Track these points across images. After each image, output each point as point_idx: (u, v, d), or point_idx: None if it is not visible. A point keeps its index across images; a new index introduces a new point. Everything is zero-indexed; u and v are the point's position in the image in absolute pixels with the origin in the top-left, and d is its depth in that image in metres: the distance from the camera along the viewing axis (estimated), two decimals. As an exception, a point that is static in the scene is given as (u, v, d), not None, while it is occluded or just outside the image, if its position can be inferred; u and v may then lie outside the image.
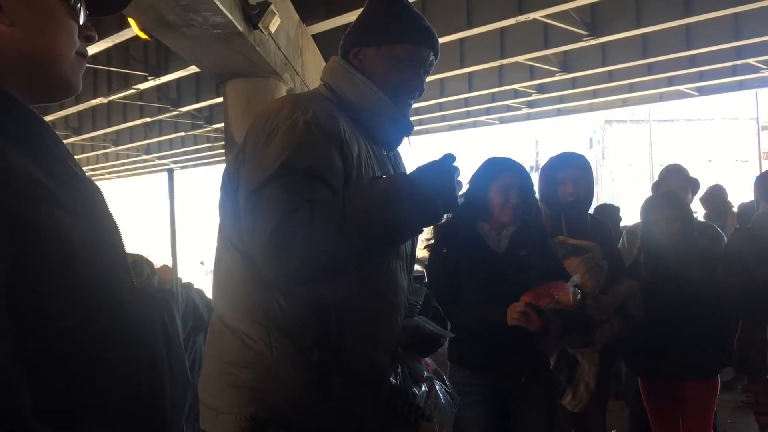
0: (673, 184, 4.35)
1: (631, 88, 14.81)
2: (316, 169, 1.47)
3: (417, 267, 1.89)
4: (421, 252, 2.62)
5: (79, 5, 0.94)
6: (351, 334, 1.53)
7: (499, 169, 2.77)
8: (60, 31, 0.92)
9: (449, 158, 1.44)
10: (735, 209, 6.23)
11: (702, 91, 15.63)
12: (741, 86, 15.45)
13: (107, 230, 0.90)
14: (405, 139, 1.80)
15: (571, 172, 3.16)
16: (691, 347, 3.04)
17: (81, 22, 0.95)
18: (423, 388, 1.71)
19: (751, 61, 12.31)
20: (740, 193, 6.65)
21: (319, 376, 1.50)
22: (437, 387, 1.76)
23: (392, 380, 1.63)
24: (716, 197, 6.21)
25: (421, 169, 1.45)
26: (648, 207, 3.36)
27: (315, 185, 1.45)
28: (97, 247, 0.85)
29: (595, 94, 15.40)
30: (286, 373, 1.50)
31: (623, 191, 32.68)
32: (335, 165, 1.50)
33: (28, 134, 0.84)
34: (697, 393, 3.19)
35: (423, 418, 1.66)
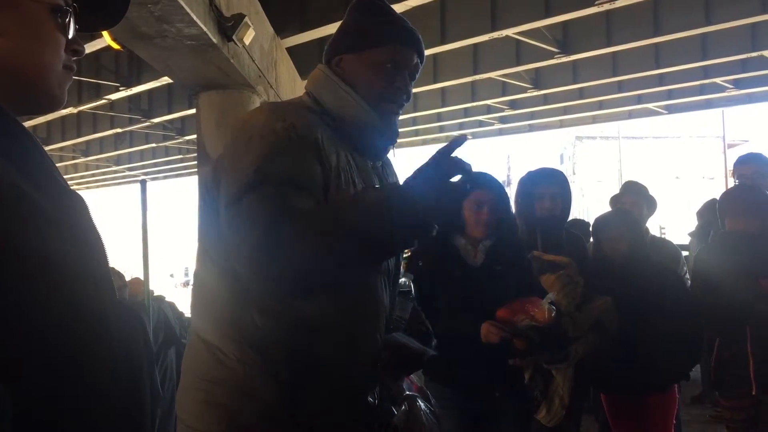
0: (628, 201, 4.44)
1: (601, 105, 15.03)
2: (295, 176, 1.43)
3: (404, 281, 1.84)
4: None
5: (68, 20, 0.93)
6: (324, 350, 1.50)
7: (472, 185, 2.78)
8: (47, 44, 0.91)
9: (446, 158, 1.32)
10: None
11: (670, 110, 15.91)
12: (708, 105, 15.77)
13: (91, 244, 0.88)
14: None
15: (549, 188, 3.17)
16: (649, 361, 3.06)
17: (70, 36, 0.94)
18: (403, 407, 1.67)
19: (718, 80, 12.57)
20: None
21: (288, 394, 1.47)
22: (420, 406, 1.71)
23: (369, 399, 1.59)
24: (712, 212, 6.31)
25: (414, 176, 1.35)
26: (597, 226, 3.38)
27: (295, 193, 1.41)
28: (81, 261, 0.83)
29: (566, 111, 15.59)
30: (257, 390, 1.48)
31: (593, 207, 33.08)
32: (314, 172, 1.47)
33: (13, 144, 0.82)
34: (657, 405, 3.22)
35: None
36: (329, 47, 1.72)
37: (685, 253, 5.38)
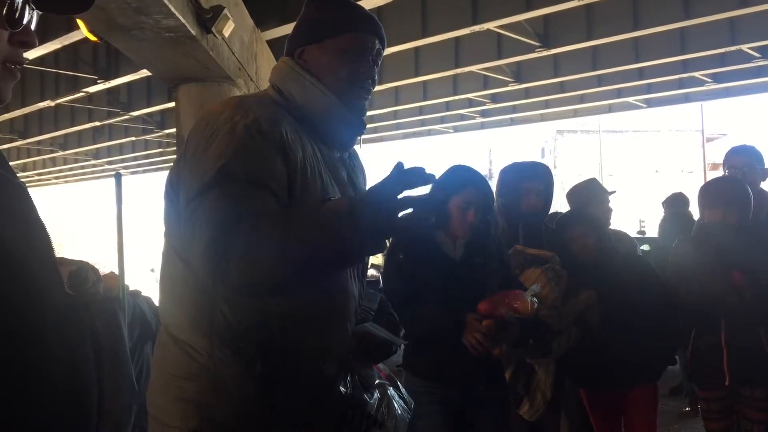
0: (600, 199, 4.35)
1: (582, 99, 15.08)
2: (257, 175, 1.43)
3: (372, 272, 1.85)
4: (377, 258, 2.59)
5: (8, 9, 0.85)
6: (297, 343, 1.50)
7: (462, 184, 2.73)
8: None
9: (398, 174, 1.32)
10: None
11: (649, 103, 16.01)
12: (687, 99, 15.88)
13: (29, 233, 0.85)
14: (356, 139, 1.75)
15: (536, 184, 3.15)
16: (629, 355, 3.07)
17: (16, 27, 0.87)
18: (375, 395, 1.68)
19: (696, 74, 12.67)
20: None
21: (263, 389, 1.47)
22: (391, 393, 1.73)
23: (342, 389, 1.60)
24: (677, 204, 6.41)
25: (369, 192, 1.38)
26: (561, 226, 3.38)
27: (257, 193, 1.41)
28: (13, 251, 0.80)
29: (547, 105, 15.64)
30: (230, 385, 1.47)
31: (574, 200, 33.17)
32: (277, 170, 1.46)
33: None
34: (640, 399, 3.24)
35: (375, 425, 1.63)
36: (291, 39, 1.72)
37: (645, 247, 5.50)
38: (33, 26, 0.91)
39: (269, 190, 1.43)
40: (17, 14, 0.86)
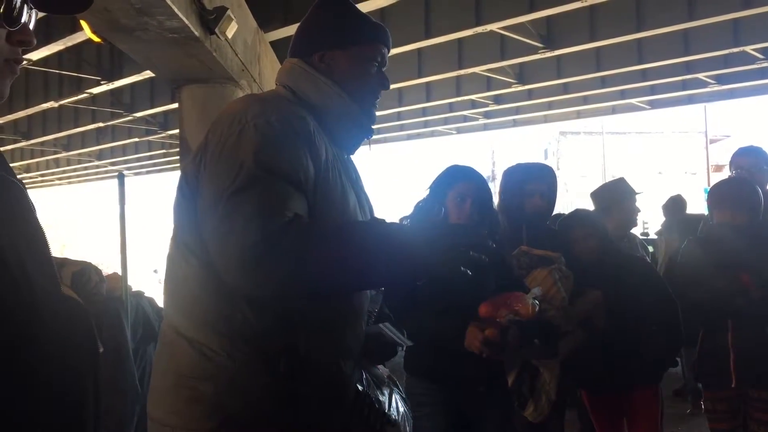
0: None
1: (585, 100, 15.06)
2: (293, 172, 1.42)
3: None
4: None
5: (7, 9, 0.87)
6: (317, 341, 1.50)
7: (456, 178, 2.75)
8: None
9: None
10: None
11: (653, 105, 15.98)
12: (690, 100, 15.85)
13: (26, 235, 0.85)
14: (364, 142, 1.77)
15: (540, 186, 3.15)
16: (631, 356, 3.06)
17: (14, 26, 0.88)
18: (385, 393, 1.70)
19: (700, 75, 12.63)
20: (689, 204, 6.87)
21: (286, 386, 1.46)
22: (396, 392, 1.75)
23: (359, 387, 1.61)
24: (677, 207, 6.41)
25: (429, 235, 1.47)
26: (563, 227, 3.37)
27: (297, 195, 1.41)
28: (9, 252, 0.80)
29: (550, 106, 15.61)
30: (251, 384, 1.45)
31: (577, 202, 33.16)
32: (309, 169, 1.46)
33: None
34: (641, 401, 3.23)
35: (388, 423, 1.64)
36: (305, 42, 1.72)
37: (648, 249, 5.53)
38: (32, 25, 0.91)
39: (302, 190, 1.43)
40: (15, 13, 0.87)
